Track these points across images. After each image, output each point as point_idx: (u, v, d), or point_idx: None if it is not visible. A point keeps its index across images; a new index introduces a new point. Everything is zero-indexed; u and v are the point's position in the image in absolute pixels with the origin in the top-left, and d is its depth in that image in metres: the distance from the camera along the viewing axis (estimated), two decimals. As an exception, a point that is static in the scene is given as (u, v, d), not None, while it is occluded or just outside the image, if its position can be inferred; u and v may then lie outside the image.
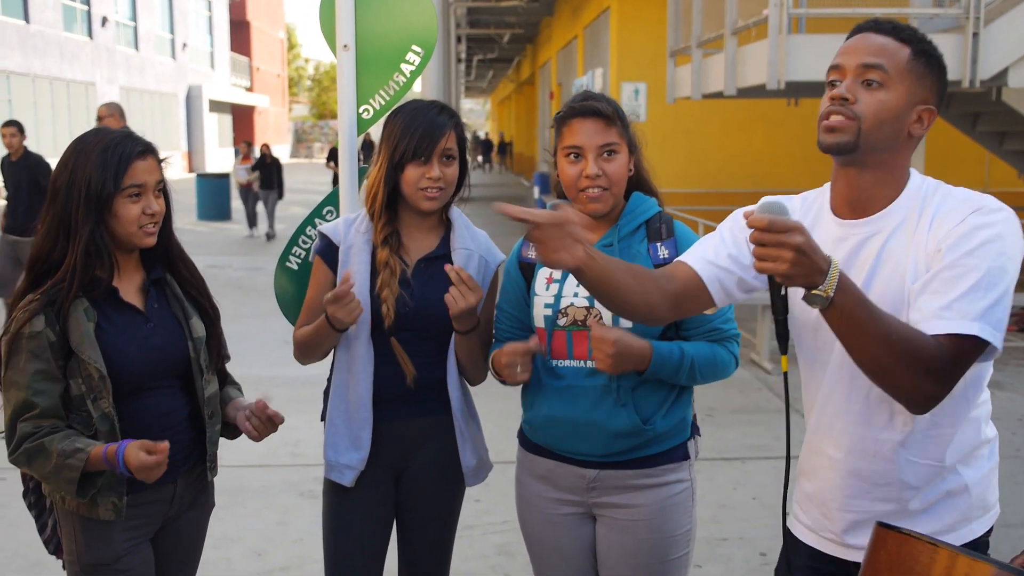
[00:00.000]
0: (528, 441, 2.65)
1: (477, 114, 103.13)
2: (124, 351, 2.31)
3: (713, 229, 9.10)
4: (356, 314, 2.53)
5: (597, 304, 2.43)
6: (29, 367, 2.23)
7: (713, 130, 15.37)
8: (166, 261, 2.48)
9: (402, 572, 2.85)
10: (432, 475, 2.75)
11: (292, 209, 23.97)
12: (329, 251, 2.70)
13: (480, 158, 44.84)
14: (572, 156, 2.47)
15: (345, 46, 2.98)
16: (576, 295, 2.47)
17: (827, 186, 2.06)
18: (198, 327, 2.48)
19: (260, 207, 18.27)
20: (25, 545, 4.38)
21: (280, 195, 17.94)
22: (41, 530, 2.48)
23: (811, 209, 2.07)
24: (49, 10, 29.52)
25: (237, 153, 18.33)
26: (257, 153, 18.90)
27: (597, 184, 2.44)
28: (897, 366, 1.73)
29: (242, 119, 50.55)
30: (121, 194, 2.28)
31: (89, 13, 32.24)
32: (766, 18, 8.68)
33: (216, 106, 44.73)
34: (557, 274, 2.51)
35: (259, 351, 8.49)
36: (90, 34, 32.33)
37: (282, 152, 57.46)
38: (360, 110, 3.05)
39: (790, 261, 1.64)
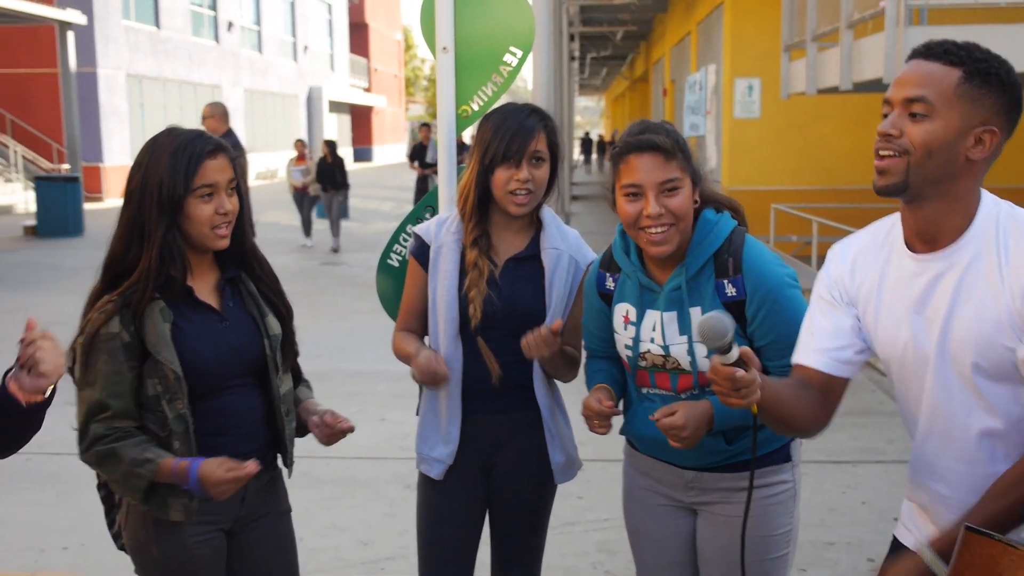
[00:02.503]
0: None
1: (592, 111, 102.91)
2: (200, 350, 2.30)
3: (828, 227, 8.97)
4: (428, 382, 2.66)
5: (673, 352, 2.39)
6: (104, 368, 2.23)
7: (828, 126, 15.02)
8: (240, 260, 2.45)
9: (495, 564, 2.91)
10: (521, 470, 2.79)
11: (406, 208, 24.43)
12: (422, 251, 2.77)
13: (581, 156, 43.81)
14: (631, 195, 2.32)
15: (444, 48, 3.06)
16: (652, 341, 2.41)
17: (899, 216, 2.00)
18: (274, 325, 2.46)
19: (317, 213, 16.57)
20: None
21: (346, 196, 16.56)
22: (110, 525, 2.51)
23: (884, 245, 2.01)
24: (179, 16, 30.71)
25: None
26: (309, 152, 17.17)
27: (660, 223, 2.29)
28: None
29: (360, 119, 51.63)
30: (192, 195, 2.26)
31: (216, 18, 33.40)
32: (883, 10, 8.46)
33: (335, 106, 45.78)
34: (632, 315, 2.45)
35: (372, 346, 8.68)
36: (216, 38, 33.48)
37: (399, 151, 58.43)
38: (459, 110, 3.12)
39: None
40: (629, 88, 44.39)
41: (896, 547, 2.13)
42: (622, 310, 2.47)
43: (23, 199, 22.65)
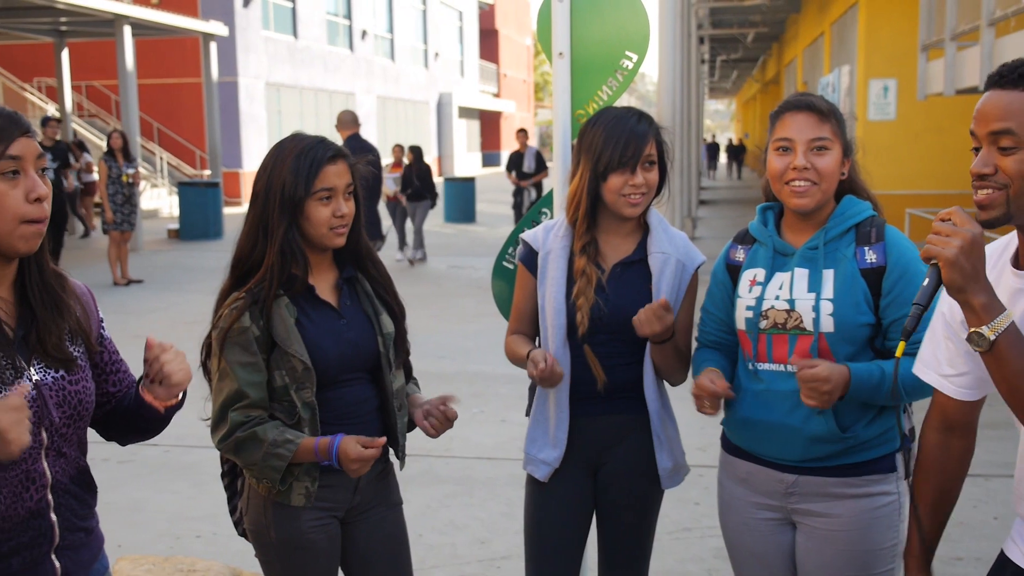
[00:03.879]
0: (728, 443, 2.64)
1: (722, 115, 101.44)
2: (321, 345, 2.43)
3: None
4: (544, 382, 2.65)
5: (798, 307, 2.40)
6: (241, 360, 2.38)
7: (967, 128, 14.40)
8: (356, 261, 2.58)
9: (602, 565, 2.91)
10: (628, 472, 2.79)
11: (533, 212, 24.56)
12: (530, 257, 2.81)
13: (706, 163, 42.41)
14: (781, 149, 2.42)
15: (560, 54, 3.09)
16: (777, 298, 2.43)
17: (1014, 234, 1.96)
18: (387, 323, 2.58)
19: (407, 223, 15.12)
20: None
21: (432, 204, 15.02)
22: (232, 511, 2.67)
23: (996, 266, 1.98)
24: (315, 26, 31.65)
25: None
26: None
27: (804, 177, 2.37)
28: None
29: (489, 124, 52.15)
30: (312, 197, 2.40)
31: (351, 28, 34.28)
32: (1027, 7, 8.12)
33: (465, 112, 46.36)
34: (760, 276, 2.48)
35: (495, 348, 8.72)
36: (351, 47, 34.36)
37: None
38: (575, 114, 3.15)
39: (958, 247, 1.70)
40: (760, 91, 43.62)
41: (1002, 562, 2.06)
42: (750, 275, 2.51)
43: (168, 203, 23.71)
